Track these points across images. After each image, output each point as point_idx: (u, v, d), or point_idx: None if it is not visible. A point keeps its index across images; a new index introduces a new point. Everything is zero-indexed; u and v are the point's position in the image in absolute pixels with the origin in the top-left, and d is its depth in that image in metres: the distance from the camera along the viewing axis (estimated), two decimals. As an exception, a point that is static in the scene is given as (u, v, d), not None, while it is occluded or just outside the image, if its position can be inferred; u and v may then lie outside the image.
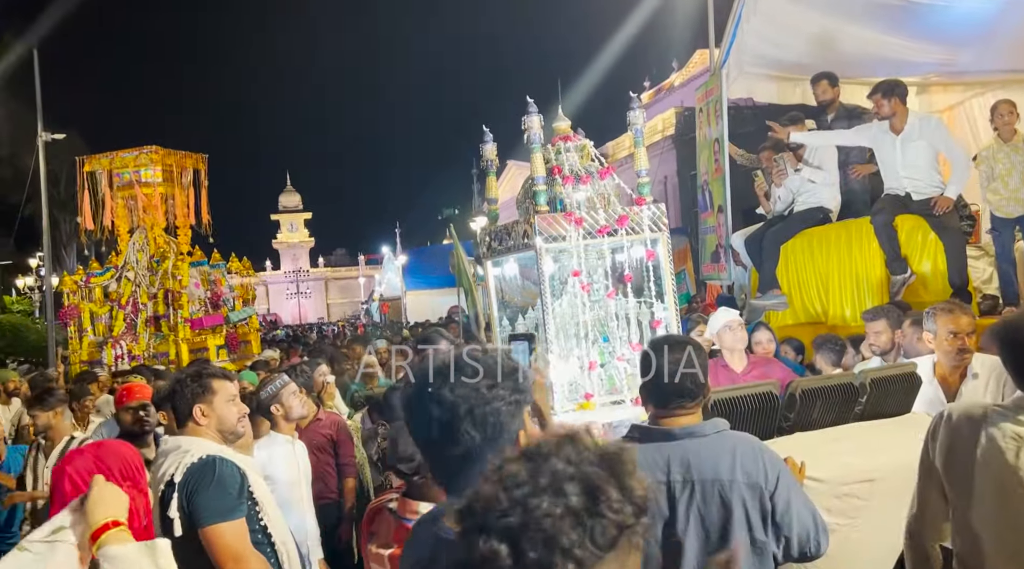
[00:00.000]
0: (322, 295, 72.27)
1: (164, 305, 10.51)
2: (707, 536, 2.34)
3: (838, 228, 6.24)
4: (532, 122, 4.63)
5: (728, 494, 2.31)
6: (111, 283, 10.73)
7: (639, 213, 4.59)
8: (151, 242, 10.88)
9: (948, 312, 3.49)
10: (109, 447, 2.28)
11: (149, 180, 10.81)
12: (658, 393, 2.44)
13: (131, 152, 11.03)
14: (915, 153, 5.53)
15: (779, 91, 8.21)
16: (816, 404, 3.20)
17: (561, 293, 4.73)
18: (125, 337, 10.26)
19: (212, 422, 2.85)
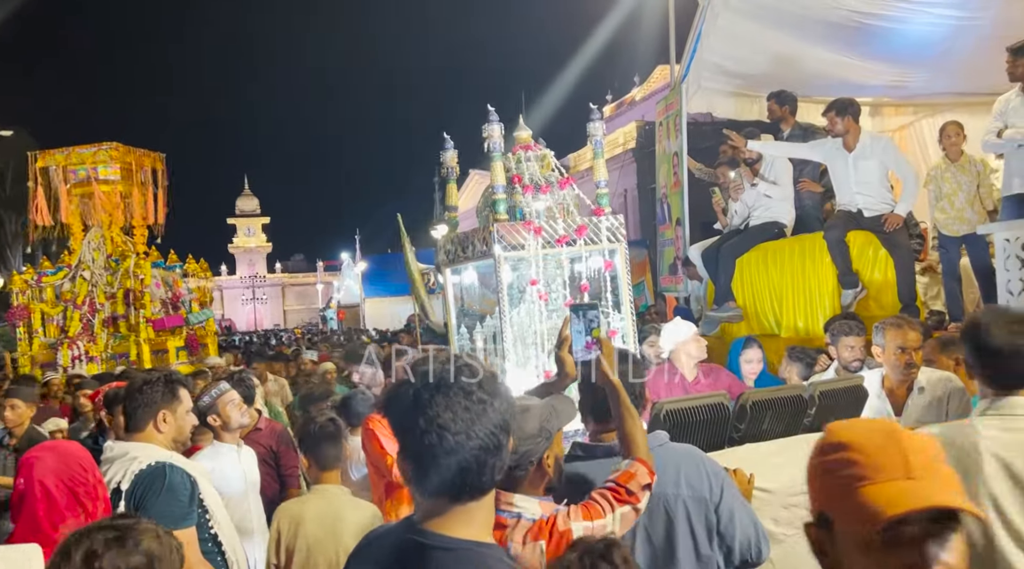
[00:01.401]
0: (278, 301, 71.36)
1: (123, 305, 10.24)
2: (653, 551, 2.34)
3: (792, 243, 6.35)
4: (493, 130, 4.64)
5: (673, 508, 2.32)
6: (64, 283, 10.42)
7: (597, 224, 4.63)
8: (108, 241, 10.60)
9: (897, 327, 3.57)
10: (64, 447, 2.32)
11: (107, 177, 10.53)
12: (595, 407, 2.42)
13: (89, 148, 10.73)
14: (867, 171, 5.66)
15: (737, 107, 8.36)
16: (766, 415, 3.24)
17: (519, 302, 4.73)
18: (82, 337, 9.96)
19: (171, 430, 2.82)
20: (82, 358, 9.67)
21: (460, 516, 1.47)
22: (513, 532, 1.93)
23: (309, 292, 68.72)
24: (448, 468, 1.44)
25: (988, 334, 2.24)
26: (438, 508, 1.48)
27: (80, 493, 2.17)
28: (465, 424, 1.44)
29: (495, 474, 1.49)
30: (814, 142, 6.21)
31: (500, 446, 1.48)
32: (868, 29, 7.13)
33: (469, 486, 1.46)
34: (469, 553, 1.45)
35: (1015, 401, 2.23)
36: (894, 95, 8.45)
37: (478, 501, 1.49)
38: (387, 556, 1.54)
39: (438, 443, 1.43)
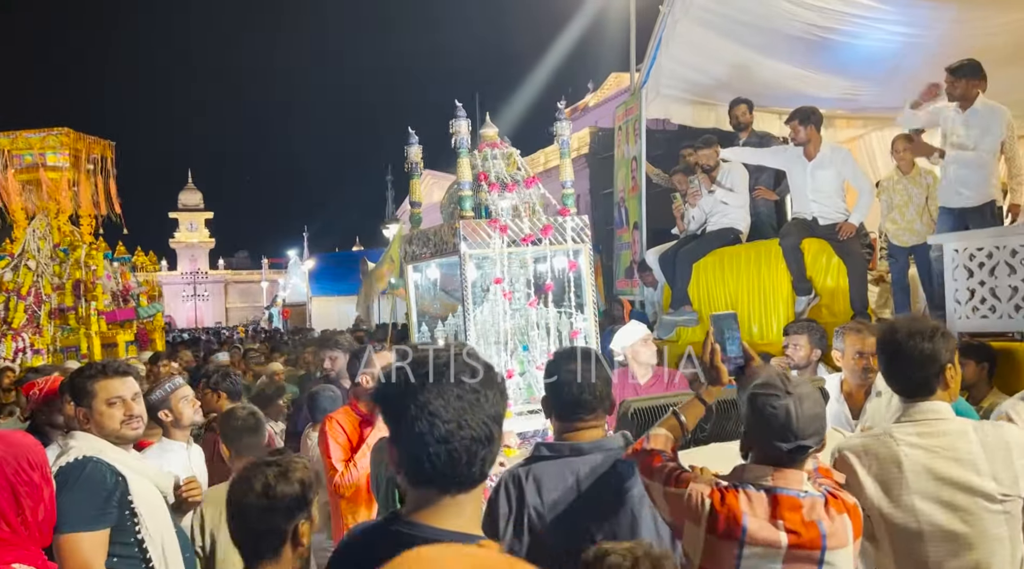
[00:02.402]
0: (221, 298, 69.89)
1: (72, 296, 9.84)
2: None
3: (748, 249, 6.46)
4: (460, 126, 4.60)
5: (638, 508, 2.33)
6: (6, 272, 9.95)
7: (563, 224, 4.63)
8: (54, 230, 10.19)
9: (856, 332, 3.66)
10: (11, 438, 2.14)
11: (55, 164, 10.11)
12: (560, 405, 2.45)
13: (37, 133, 10.30)
14: (824, 180, 5.80)
15: (694, 114, 8.47)
16: (731, 415, 3.27)
17: (482, 300, 4.70)
18: (26, 329, 9.53)
19: (92, 426, 2.69)
20: (27, 350, 9.27)
21: (449, 508, 1.45)
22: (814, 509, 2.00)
23: (253, 290, 67.47)
24: (438, 457, 1.42)
25: (899, 342, 2.32)
26: (427, 499, 1.46)
27: (21, 491, 2.03)
28: (456, 413, 1.42)
29: (485, 466, 1.47)
30: (776, 148, 6.34)
31: (492, 437, 1.45)
32: (824, 43, 7.31)
33: (459, 477, 1.44)
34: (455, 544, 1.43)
35: (926, 407, 2.31)
36: (846, 107, 8.67)
37: (467, 493, 1.46)
38: (372, 549, 1.51)
39: (428, 431, 1.41)
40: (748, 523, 1.98)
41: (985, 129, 5.31)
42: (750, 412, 2.07)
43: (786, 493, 2.01)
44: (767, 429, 2.02)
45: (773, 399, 2.02)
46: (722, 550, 2.01)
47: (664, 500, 2.15)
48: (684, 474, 2.14)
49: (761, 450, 2.08)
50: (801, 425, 1.99)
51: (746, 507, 2.00)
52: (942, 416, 2.30)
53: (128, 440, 2.76)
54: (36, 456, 2.10)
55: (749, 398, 2.08)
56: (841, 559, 2.00)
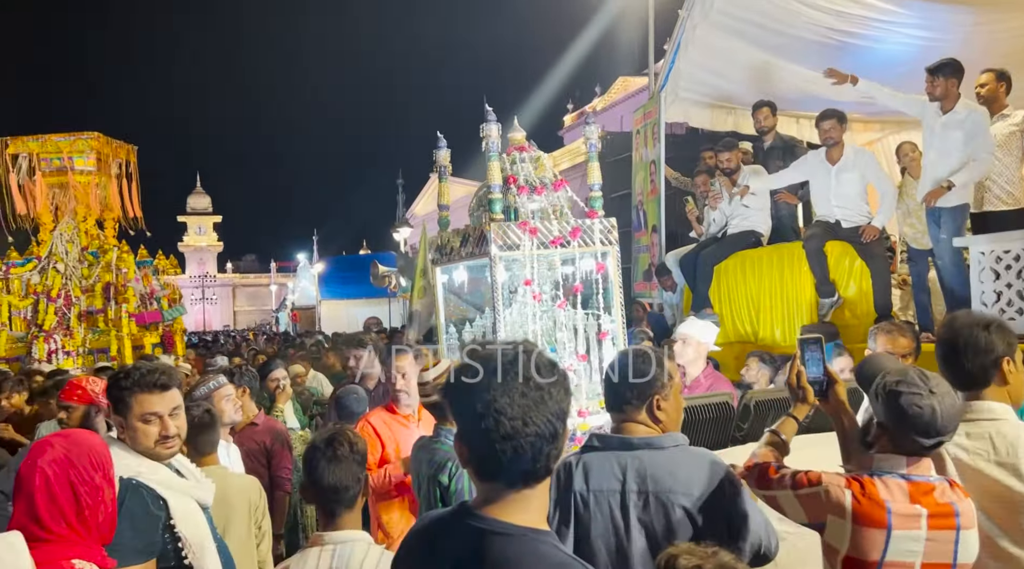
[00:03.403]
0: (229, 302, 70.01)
1: (102, 299, 9.88)
2: (657, 549, 2.33)
3: (770, 251, 6.49)
4: (491, 130, 4.65)
5: (679, 508, 2.33)
6: (33, 274, 9.99)
7: (591, 226, 4.68)
8: (81, 233, 10.26)
9: (887, 333, 3.69)
10: (77, 437, 2.11)
11: (83, 168, 10.17)
12: (605, 396, 2.56)
13: (66, 137, 10.33)
14: (848, 183, 5.83)
15: (713, 118, 8.51)
16: (769, 415, 3.32)
17: (510, 302, 4.75)
18: (57, 331, 9.58)
19: (128, 440, 2.53)
20: (58, 352, 9.32)
21: (516, 502, 1.49)
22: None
23: (261, 293, 67.61)
24: (504, 453, 1.45)
25: (956, 330, 2.39)
26: (494, 494, 1.50)
27: (81, 491, 2.01)
28: (522, 410, 1.45)
29: (550, 462, 1.50)
30: (796, 162, 6.34)
31: (556, 434, 1.49)
32: (842, 46, 7.34)
33: (524, 473, 1.48)
34: (525, 539, 1.47)
35: (981, 406, 2.36)
36: (863, 111, 8.69)
37: (533, 488, 1.50)
38: (444, 541, 1.55)
39: (494, 428, 1.45)
40: (893, 509, 2.09)
41: (969, 134, 5.28)
42: (890, 408, 2.15)
43: (919, 479, 2.12)
44: (909, 425, 2.11)
45: (918, 398, 2.11)
46: (871, 538, 2.11)
47: (797, 503, 2.24)
48: (811, 473, 2.24)
49: (896, 442, 2.17)
50: (944, 422, 2.10)
51: (887, 494, 2.10)
52: (997, 416, 2.33)
53: (162, 458, 2.58)
54: (99, 456, 2.07)
55: (889, 394, 2.15)
56: (972, 540, 2.11)
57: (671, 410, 2.45)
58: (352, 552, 2.29)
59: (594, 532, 2.35)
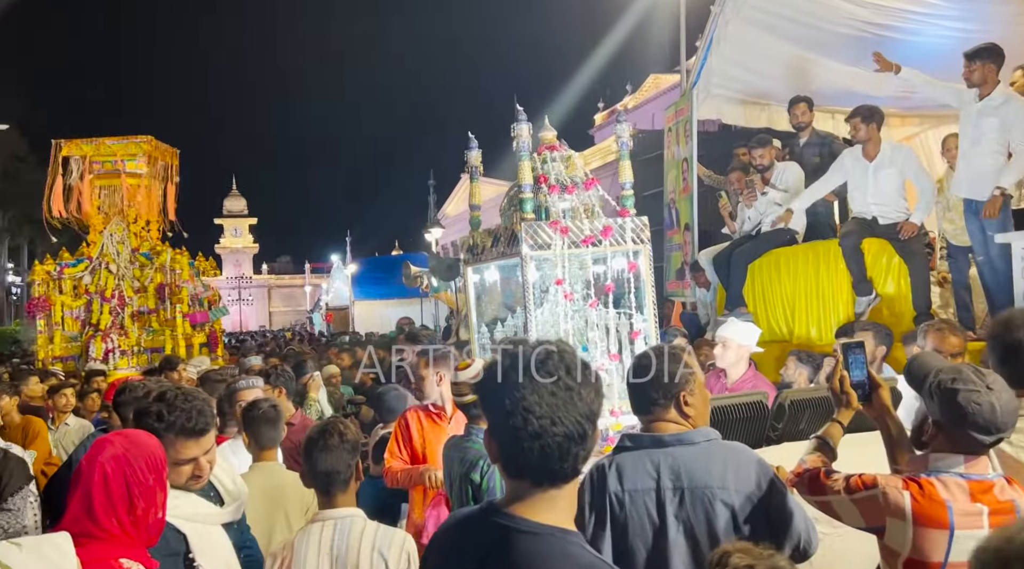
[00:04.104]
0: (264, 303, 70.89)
1: (155, 299, 10.09)
2: (695, 544, 2.34)
3: (806, 249, 6.40)
4: (521, 130, 4.65)
5: (718, 502, 2.33)
6: (84, 275, 10.22)
7: (622, 225, 4.66)
8: (131, 235, 10.46)
9: (939, 331, 3.61)
10: (136, 438, 2.13)
11: (135, 170, 10.38)
12: (631, 400, 2.54)
13: (119, 140, 10.56)
14: (885, 179, 5.73)
15: (746, 114, 8.42)
16: (804, 415, 3.28)
17: (542, 302, 4.74)
18: (112, 331, 9.79)
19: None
20: (115, 351, 9.52)
21: (543, 501, 1.49)
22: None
23: (296, 294, 68.38)
24: (531, 451, 1.46)
25: (1012, 328, 2.34)
26: (521, 492, 1.51)
27: (135, 491, 2.02)
28: (550, 409, 1.45)
29: (578, 463, 1.50)
30: (832, 167, 6.21)
31: (585, 435, 1.48)
32: (879, 40, 7.20)
33: (551, 472, 1.48)
34: (553, 538, 1.46)
35: None
36: (900, 106, 8.53)
37: (560, 488, 1.50)
38: (473, 539, 1.56)
39: (522, 426, 1.45)
40: (954, 509, 2.07)
41: (1005, 122, 5.14)
42: (947, 406, 2.12)
43: (978, 477, 2.11)
44: (968, 423, 2.09)
45: (976, 395, 2.09)
46: (933, 539, 2.10)
47: (854, 508, 2.23)
48: (864, 476, 2.22)
49: (954, 441, 2.15)
50: (1003, 419, 2.08)
51: (947, 494, 2.09)
52: None
53: (191, 489, 2.49)
54: (155, 459, 2.08)
55: (945, 392, 2.13)
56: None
57: (698, 404, 2.44)
58: (351, 525, 2.57)
59: (631, 532, 2.35)
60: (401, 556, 2.53)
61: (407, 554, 2.55)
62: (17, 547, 1.87)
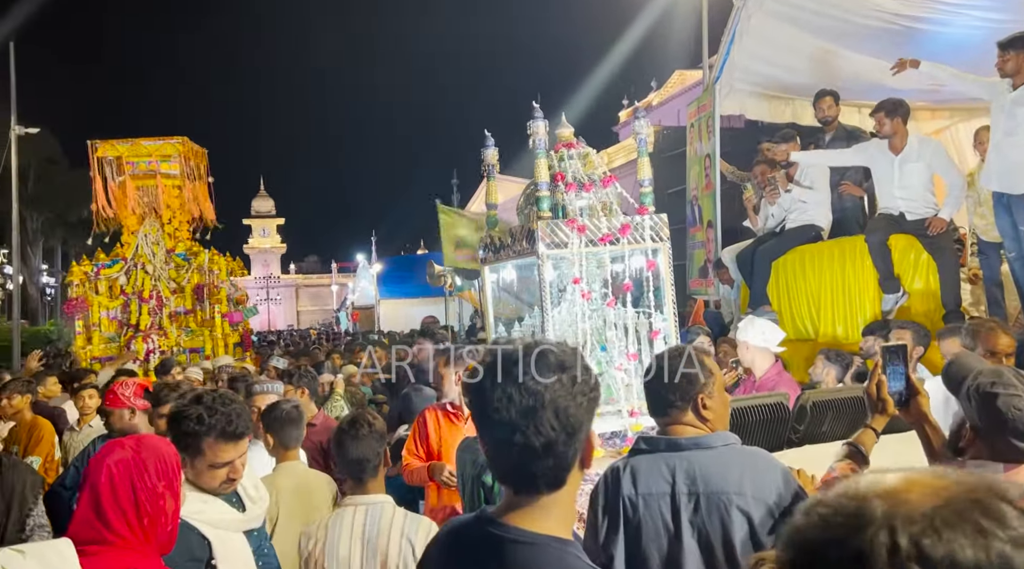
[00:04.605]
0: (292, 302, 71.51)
1: (192, 300, 10.19)
2: (710, 551, 2.28)
3: (831, 246, 6.27)
4: (538, 127, 4.59)
5: (734, 508, 2.26)
6: (120, 276, 10.31)
7: (641, 222, 4.58)
8: (165, 236, 10.54)
9: (989, 330, 3.48)
10: (149, 443, 2.08)
11: (169, 171, 10.48)
12: (648, 401, 2.49)
13: (154, 141, 10.66)
14: (912, 174, 5.58)
15: (770, 109, 8.28)
16: (827, 417, 3.18)
17: (559, 301, 4.68)
18: (152, 331, 9.89)
19: (190, 475, 2.40)
20: (156, 351, 9.62)
21: (536, 510, 1.43)
22: None
23: (323, 293, 68.90)
24: (507, 458, 1.41)
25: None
26: (514, 501, 1.45)
27: (141, 497, 1.96)
28: (521, 415, 1.38)
29: (557, 472, 1.42)
30: (857, 146, 6.12)
31: (558, 442, 1.40)
32: (907, 32, 7.04)
33: (527, 480, 1.42)
34: (548, 548, 1.40)
35: None
36: (929, 99, 8.33)
37: (551, 495, 1.43)
38: (466, 549, 1.51)
39: (495, 431, 1.41)
40: None
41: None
42: (986, 412, 2.03)
43: None
44: (1008, 429, 2.00)
45: (1017, 400, 1.99)
46: None
47: None
48: None
49: (992, 447, 2.05)
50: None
51: None
52: None
53: (222, 493, 2.50)
54: (165, 466, 2.02)
55: (984, 396, 2.04)
56: None
57: (717, 407, 2.37)
58: (382, 511, 2.70)
59: (645, 537, 2.29)
60: (428, 541, 2.49)
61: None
62: (20, 554, 1.84)
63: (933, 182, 5.76)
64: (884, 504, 0.72)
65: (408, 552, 2.61)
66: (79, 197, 38.07)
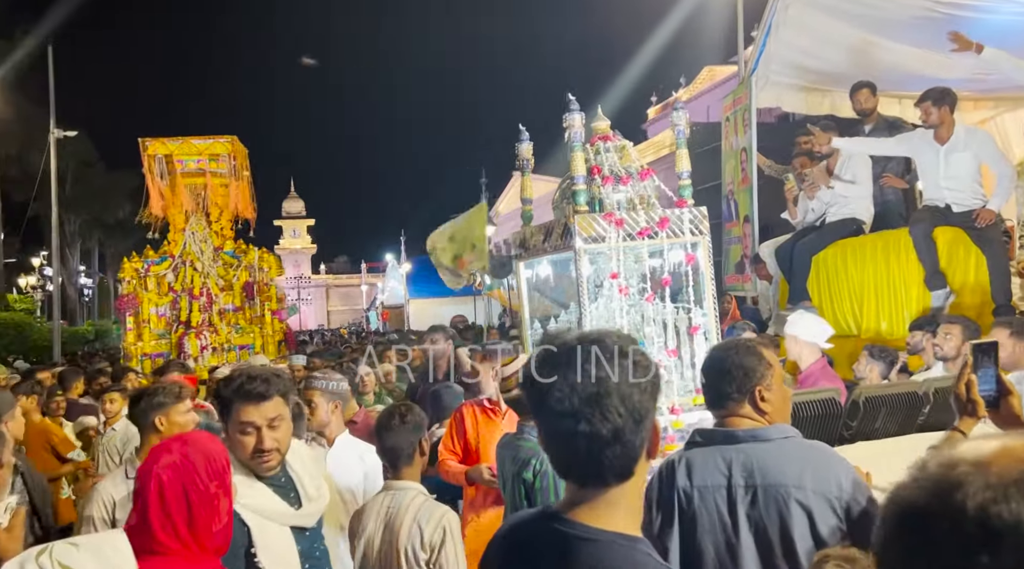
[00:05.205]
0: (323, 302, 72.16)
1: (241, 297, 10.30)
2: (768, 545, 2.23)
3: (874, 239, 6.12)
4: (574, 120, 4.53)
5: (793, 502, 2.19)
6: (168, 273, 10.42)
7: (680, 216, 4.49)
8: (212, 233, 10.63)
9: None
10: (196, 443, 2.00)
11: (217, 170, 10.58)
12: (704, 394, 2.46)
13: (204, 139, 10.75)
14: (959, 164, 5.43)
15: (808, 101, 8.12)
16: (880, 413, 3.09)
17: (596, 297, 4.61)
18: (204, 328, 10.00)
19: (230, 449, 2.34)
20: (208, 348, 9.72)
21: (601, 506, 1.38)
22: None
23: (353, 293, 69.41)
24: (565, 450, 1.39)
25: None
26: (578, 496, 1.41)
27: (194, 500, 1.89)
28: (579, 405, 1.34)
29: (619, 463, 1.37)
30: (900, 136, 5.97)
31: (634, 426, 1.35)
32: (950, 19, 6.84)
33: (604, 469, 1.37)
34: (615, 545, 1.35)
35: None
36: (973, 89, 8.10)
37: (618, 488, 1.38)
38: (530, 546, 1.46)
39: (554, 424, 1.38)
40: None
41: None
42: None
43: None
44: None
45: None
46: None
47: None
48: None
49: None
50: None
51: None
52: None
53: (261, 473, 2.45)
54: (216, 465, 1.96)
55: None
56: None
57: (776, 400, 2.30)
58: (404, 497, 2.92)
59: (700, 530, 2.24)
60: (437, 529, 2.79)
61: (443, 528, 2.80)
62: (74, 547, 1.80)
63: (980, 173, 5.59)
64: (971, 469, 0.77)
65: (416, 536, 2.80)
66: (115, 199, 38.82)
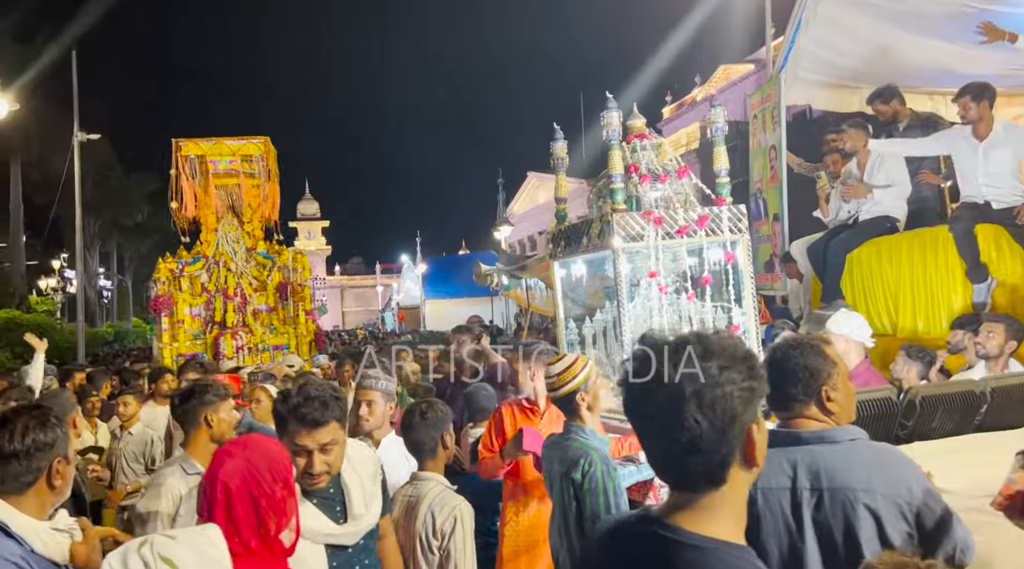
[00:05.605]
0: (337, 303, 72.31)
1: (275, 297, 10.34)
2: (833, 549, 2.17)
3: (910, 237, 6.04)
4: (611, 118, 4.51)
5: (860, 506, 2.14)
6: (201, 273, 10.47)
7: (719, 213, 4.45)
8: (244, 234, 10.68)
9: None
10: (257, 446, 1.98)
11: (251, 170, 10.62)
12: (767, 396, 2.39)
13: (237, 141, 10.81)
14: (998, 161, 5.36)
15: (838, 98, 8.04)
16: (937, 412, 3.03)
17: (632, 296, 4.57)
18: (239, 329, 10.03)
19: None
20: (243, 348, 9.77)
21: (700, 510, 1.35)
22: None
23: (368, 294, 69.54)
24: (663, 452, 1.36)
25: None
26: (677, 500, 1.38)
27: (262, 504, 1.87)
28: (669, 409, 1.31)
29: (718, 465, 1.34)
30: (937, 134, 5.89)
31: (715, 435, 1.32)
32: (982, 14, 6.74)
33: (691, 475, 1.34)
34: (718, 552, 1.32)
35: None
36: (1005, 85, 7.97)
37: (716, 493, 1.35)
38: (631, 549, 1.43)
39: (648, 425, 1.36)
40: None
41: None
42: None
43: None
44: None
45: None
46: None
47: None
48: None
49: None
50: None
51: None
52: None
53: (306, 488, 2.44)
54: (280, 466, 1.95)
55: None
56: None
57: (843, 399, 2.25)
58: (425, 486, 3.10)
59: (764, 532, 2.19)
60: (448, 517, 2.94)
61: (454, 517, 2.94)
62: (172, 539, 1.78)
63: (1020, 169, 5.51)
64: None
65: (429, 523, 2.97)
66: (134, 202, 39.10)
